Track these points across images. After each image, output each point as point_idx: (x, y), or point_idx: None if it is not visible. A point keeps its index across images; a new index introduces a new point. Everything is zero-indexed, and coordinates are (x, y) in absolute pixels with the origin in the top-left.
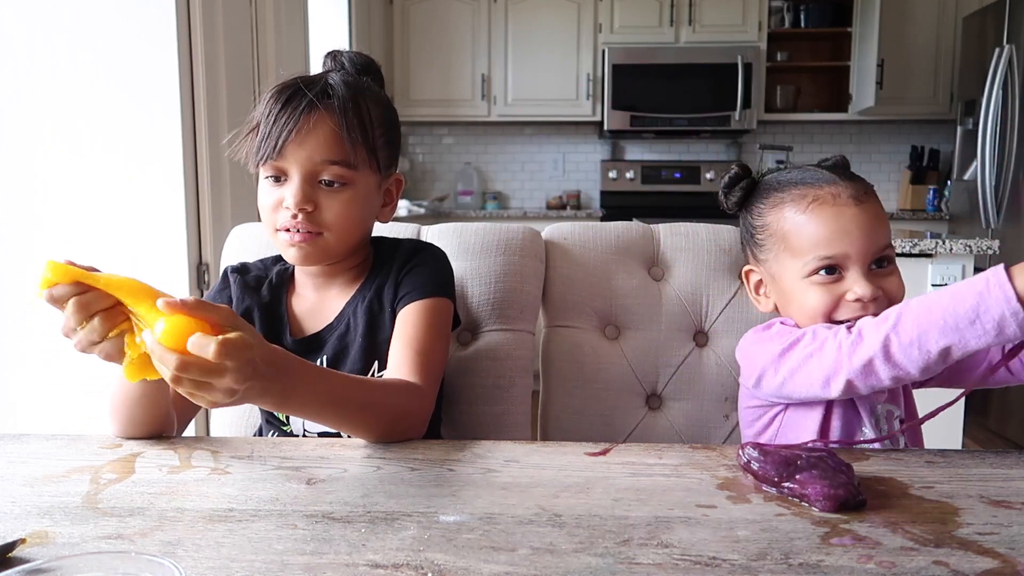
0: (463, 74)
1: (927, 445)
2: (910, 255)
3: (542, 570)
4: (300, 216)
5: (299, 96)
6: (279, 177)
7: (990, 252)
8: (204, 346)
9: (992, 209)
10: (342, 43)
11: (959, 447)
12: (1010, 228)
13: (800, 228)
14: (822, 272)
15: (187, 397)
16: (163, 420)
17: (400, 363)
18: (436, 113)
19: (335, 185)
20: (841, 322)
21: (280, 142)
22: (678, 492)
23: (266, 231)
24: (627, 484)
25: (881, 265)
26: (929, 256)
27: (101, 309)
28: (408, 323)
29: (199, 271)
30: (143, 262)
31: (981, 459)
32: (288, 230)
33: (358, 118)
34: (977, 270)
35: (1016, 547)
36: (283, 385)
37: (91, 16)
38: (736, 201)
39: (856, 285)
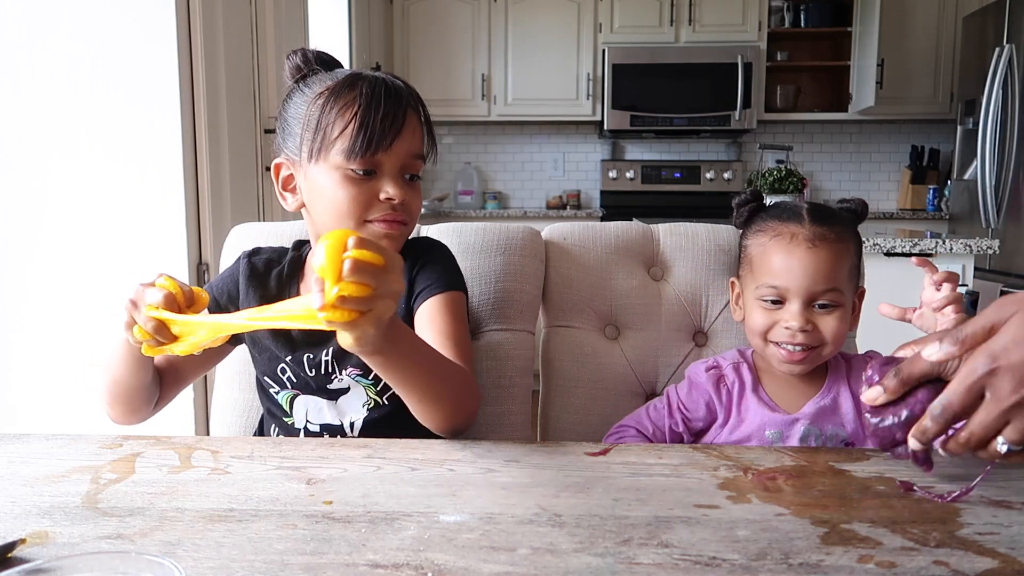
0: (463, 74)
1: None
2: (910, 255)
3: (542, 570)
4: (398, 207)
5: (396, 94)
6: (369, 171)
7: (990, 252)
8: (372, 243)
9: (992, 209)
10: (342, 43)
11: None
12: (1010, 228)
13: (760, 256)
14: (767, 298)
15: (343, 327)
16: (151, 405)
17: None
18: (436, 113)
19: (414, 179)
20: (776, 343)
21: (391, 138)
22: (678, 492)
23: (341, 225)
24: (627, 484)
25: (824, 306)
26: (929, 256)
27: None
28: (437, 316)
29: (199, 271)
30: (143, 262)
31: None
32: (381, 221)
33: (427, 114)
34: (977, 270)
35: (1016, 547)
36: (394, 335)
37: (91, 16)
38: (741, 221)
39: (790, 316)
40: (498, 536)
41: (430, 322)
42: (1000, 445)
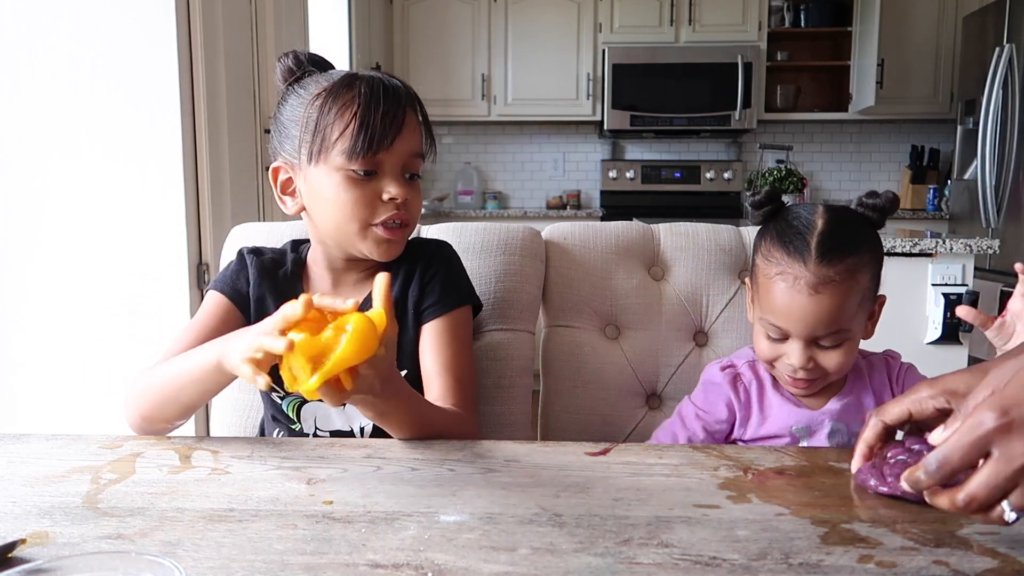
0: (463, 74)
1: None
2: (910, 255)
3: (542, 570)
4: (400, 207)
5: (394, 92)
6: (370, 172)
7: (990, 252)
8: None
9: (992, 208)
10: (342, 43)
11: None
12: (1010, 227)
13: (765, 287)
14: (771, 333)
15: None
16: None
17: (445, 392)
18: (436, 113)
19: (414, 178)
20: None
21: (391, 137)
22: (678, 492)
23: (344, 228)
24: (627, 484)
25: (827, 341)
26: (929, 256)
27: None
28: (439, 342)
29: (199, 271)
30: (143, 262)
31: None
32: (386, 224)
33: (425, 112)
34: (977, 270)
35: (1016, 547)
36: (387, 405)
37: (91, 16)
38: (758, 222)
39: (792, 354)
40: (498, 536)
41: (432, 349)
42: (1007, 513)
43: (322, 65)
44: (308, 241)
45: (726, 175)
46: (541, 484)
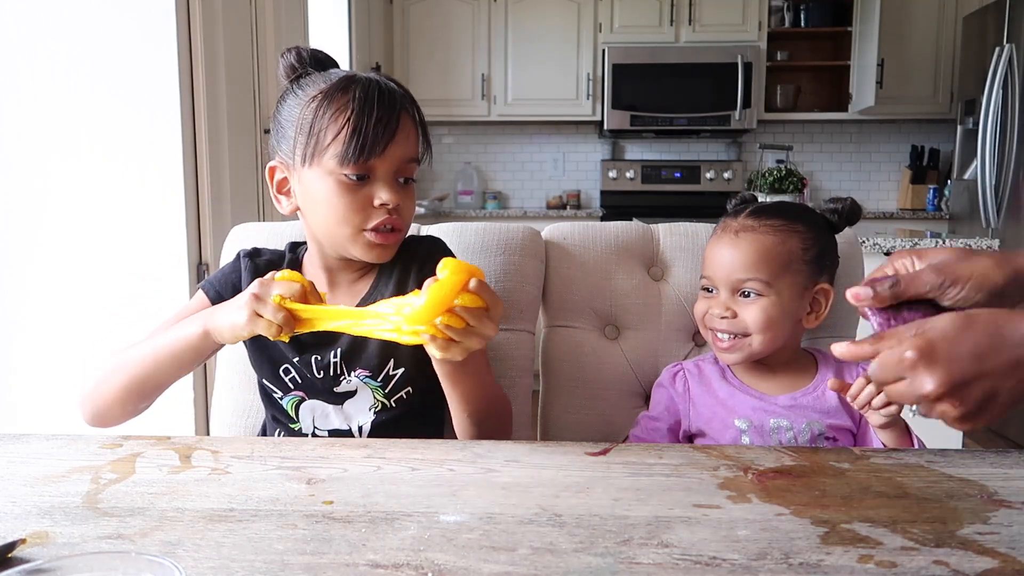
0: (463, 74)
1: (928, 445)
2: None
3: (542, 570)
4: (392, 212)
5: (390, 97)
6: (362, 176)
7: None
8: (486, 287)
9: (992, 208)
10: (342, 43)
11: (959, 447)
12: (1010, 227)
13: (705, 249)
14: (704, 287)
15: (440, 350)
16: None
17: None
18: (436, 113)
19: (408, 182)
20: (712, 330)
21: (384, 143)
22: (678, 492)
23: (336, 231)
24: (627, 484)
25: (746, 295)
26: None
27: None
28: None
29: (199, 271)
30: (143, 262)
31: (981, 459)
32: (377, 229)
33: (422, 116)
34: None
35: (1016, 547)
36: (475, 361)
37: (91, 16)
38: None
39: (714, 303)
40: (498, 536)
41: None
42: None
43: (324, 63)
44: (306, 242)
45: (726, 175)
46: (541, 484)
